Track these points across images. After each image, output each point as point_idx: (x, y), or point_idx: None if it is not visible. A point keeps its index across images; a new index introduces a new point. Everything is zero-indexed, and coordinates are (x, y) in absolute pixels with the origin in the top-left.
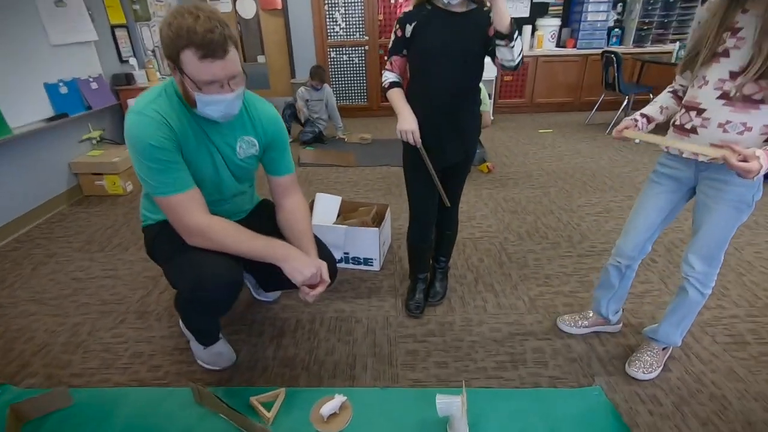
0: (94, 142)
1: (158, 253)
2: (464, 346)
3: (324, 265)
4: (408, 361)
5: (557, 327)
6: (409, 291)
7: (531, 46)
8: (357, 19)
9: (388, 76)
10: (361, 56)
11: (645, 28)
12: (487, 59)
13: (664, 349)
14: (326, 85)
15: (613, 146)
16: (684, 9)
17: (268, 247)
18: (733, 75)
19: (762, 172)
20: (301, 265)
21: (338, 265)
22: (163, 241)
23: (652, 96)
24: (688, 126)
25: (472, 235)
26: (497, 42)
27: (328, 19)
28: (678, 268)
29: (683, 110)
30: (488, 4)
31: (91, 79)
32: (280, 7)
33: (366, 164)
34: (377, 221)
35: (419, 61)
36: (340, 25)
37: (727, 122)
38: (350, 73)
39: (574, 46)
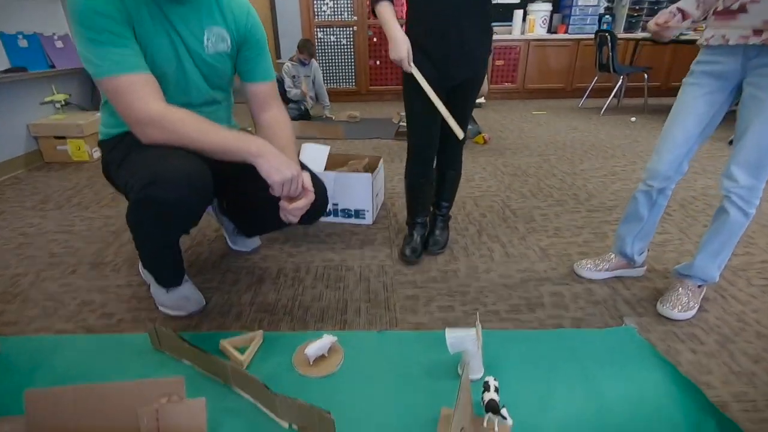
0: (58, 105)
1: (112, 163)
2: (472, 291)
3: (307, 175)
4: (408, 306)
5: (575, 273)
6: (406, 237)
7: (522, 31)
8: None
9: None
10: (350, 37)
11: (635, 15)
12: None
13: (699, 287)
14: (314, 60)
15: (611, 124)
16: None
17: (240, 139)
18: None
19: None
20: (279, 163)
21: (326, 218)
22: (120, 148)
23: (646, 76)
24: (735, 6)
25: (471, 194)
26: None
27: None
28: (696, 221)
29: None
30: None
31: (56, 37)
32: None
33: (354, 138)
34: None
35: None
36: (327, 4)
37: None
38: (338, 55)
39: (566, 32)
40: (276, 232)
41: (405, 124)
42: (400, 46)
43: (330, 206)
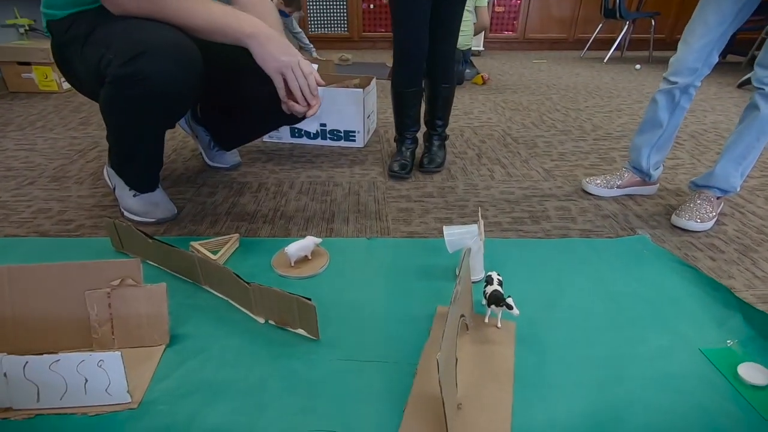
0: (21, 31)
1: (74, 42)
2: (471, 205)
3: (307, 63)
4: (401, 217)
5: (582, 190)
6: (394, 154)
7: None
8: None
9: None
10: None
11: None
12: None
13: (718, 198)
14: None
15: (615, 71)
16: None
17: (231, 15)
18: None
19: None
20: (277, 48)
21: (314, 140)
22: (82, 25)
23: (653, 23)
24: None
25: (470, 124)
26: None
27: None
28: (708, 149)
29: None
30: None
31: None
32: None
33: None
34: None
35: None
36: None
37: None
38: None
39: None
40: (258, 148)
41: None
42: None
43: (317, 127)
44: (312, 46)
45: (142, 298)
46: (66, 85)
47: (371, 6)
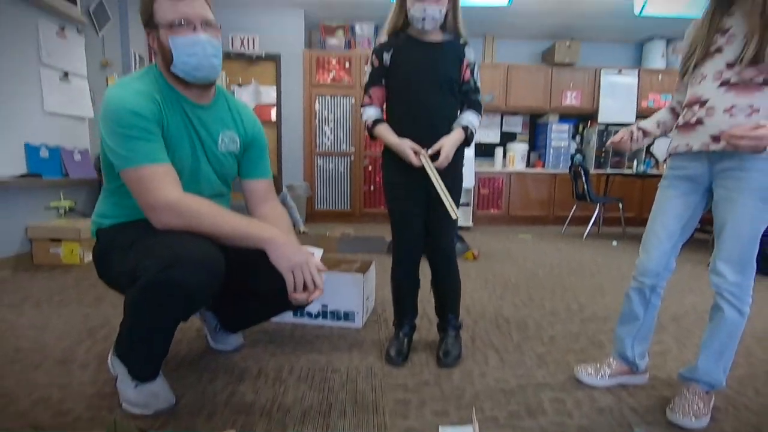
0: (62, 211)
1: (116, 248)
2: (467, 396)
3: (315, 259)
4: (398, 410)
5: (575, 379)
6: (392, 339)
7: (504, 165)
8: (345, 131)
9: (370, 113)
10: (347, 165)
11: (602, 156)
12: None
13: (707, 393)
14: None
15: (594, 247)
16: None
17: (252, 224)
18: (730, 65)
19: None
20: (290, 250)
21: (315, 320)
22: (126, 234)
23: (621, 206)
24: (693, 120)
25: (462, 303)
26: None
27: (317, 131)
28: (692, 332)
29: (685, 110)
30: (464, 35)
31: (76, 151)
32: (273, 119)
33: (346, 252)
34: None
35: (396, 87)
36: (328, 136)
37: (733, 106)
38: (335, 180)
39: (543, 167)
40: (261, 327)
41: None
42: (405, 148)
43: (319, 307)
44: (300, 219)
45: None
46: (87, 258)
47: (371, 188)
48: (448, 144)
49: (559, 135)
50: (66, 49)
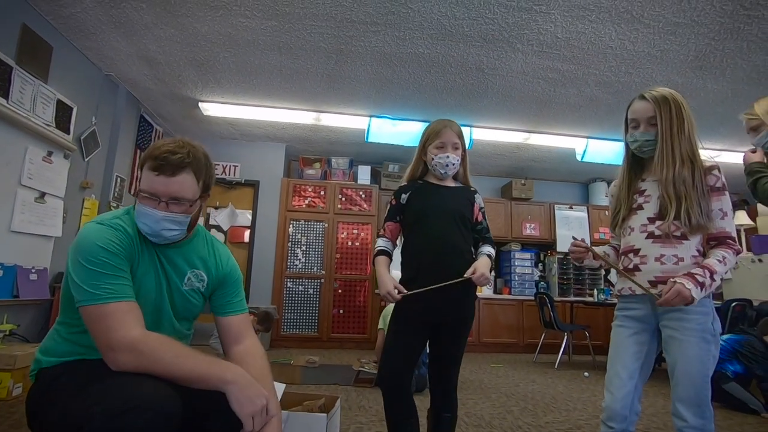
0: (1, 336)
1: (61, 390)
2: None
3: (274, 398)
4: None
5: None
6: None
7: None
8: (317, 255)
9: (380, 244)
10: (317, 288)
11: (564, 282)
12: None
13: None
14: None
15: (567, 378)
16: (592, 271)
17: (215, 364)
18: (651, 219)
19: (694, 293)
20: (252, 393)
21: None
22: (74, 375)
23: (588, 334)
24: (630, 266)
25: None
26: None
27: (289, 254)
28: None
29: (623, 257)
30: (472, 187)
31: (33, 270)
32: (246, 240)
33: (311, 383)
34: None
35: (414, 219)
36: (300, 258)
37: (662, 255)
38: (303, 303)
39: (509, 293)
40: None
41: (365, 369)
42: (387, 284)
43: None
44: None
45: None
46: (16, 391)
47: (341, 311)
48: (481, 265)
49: (522, 262)
50: (49, 173)
